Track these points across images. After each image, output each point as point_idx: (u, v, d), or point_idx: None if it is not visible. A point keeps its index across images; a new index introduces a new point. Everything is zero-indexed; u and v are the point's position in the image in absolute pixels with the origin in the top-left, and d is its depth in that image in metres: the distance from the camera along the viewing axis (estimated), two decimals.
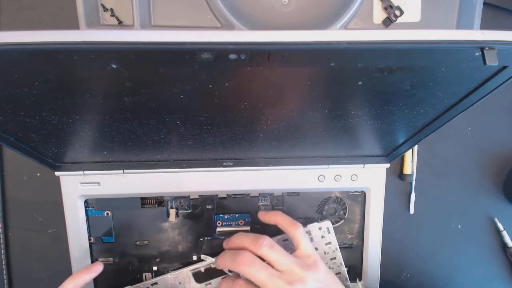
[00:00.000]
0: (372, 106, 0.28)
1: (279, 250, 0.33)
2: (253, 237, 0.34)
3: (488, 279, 0.49)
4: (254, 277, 0.32)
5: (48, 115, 0.26)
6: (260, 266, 0.32)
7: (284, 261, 0.32)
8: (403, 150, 0.38)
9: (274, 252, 0.32)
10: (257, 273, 0.31)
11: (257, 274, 0.31)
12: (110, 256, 0.41)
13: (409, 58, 0.22)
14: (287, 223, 0.36)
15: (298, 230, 0.35)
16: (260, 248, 0.32)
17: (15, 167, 0.42)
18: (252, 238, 0.34)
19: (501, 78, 0.24)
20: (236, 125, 0.30)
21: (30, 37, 0.18)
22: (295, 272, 0.32)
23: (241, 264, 0.32)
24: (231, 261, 0.33)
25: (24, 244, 0.44)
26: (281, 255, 0.33)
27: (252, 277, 0.32)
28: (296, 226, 0.35)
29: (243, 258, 0.32)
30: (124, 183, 0.39)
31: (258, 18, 0.39)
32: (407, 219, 0.47)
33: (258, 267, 0.32)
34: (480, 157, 0.47)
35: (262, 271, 0.31)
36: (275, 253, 0.32)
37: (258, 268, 0.32)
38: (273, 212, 0.37)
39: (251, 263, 0.32)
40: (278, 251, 0.33)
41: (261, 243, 0.33)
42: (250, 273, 0.32)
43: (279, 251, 0.33)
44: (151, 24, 0.39)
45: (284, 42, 0.19)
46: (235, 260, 0.33)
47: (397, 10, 0.40)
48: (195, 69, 0.21)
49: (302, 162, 0.40)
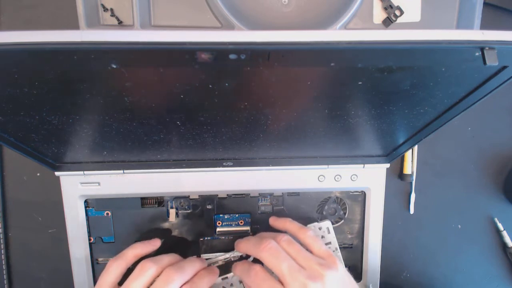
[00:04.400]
0: (372, 106, 0.28)
1: (298, 247, 0.34)
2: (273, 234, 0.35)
3: (488, 279, 0.49)
4: (275, 265, 0.32)
5: (48, 115, 0.26)
6: (282, 255, 0.32)
7: (304, 257, 0.33)
8: (403, 150, 0.38)
9: (292, 248, 0.33)
10: (278, 261, 0.32)
11: (278, 263, 0.32)
12: (110, 256, 0.41)
13: (409, 58, 0.22)
14: (296, 229, 0.36)
15: (307, 234, 0.35)
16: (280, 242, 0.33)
17: (15, 167, 0.42)
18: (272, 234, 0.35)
19: (501, 78, 0.24)
20: (236, 125, 0.30)
21: (30, 37, 0.18)
22: (315, 269, 0.32)
23: (264, 249, 0.32)
24: (255, 246, 0.34)
25: (24, 244, 0.44)
26: (300, 251, 0.33)
27: (274, 265, 0.32)
28: (305, 231, 0.36)
29: (268, 244, 0.33)
30: (124, 183, 0.39)
31: (258, 18, 0.39)
32: (407, 219, 0.47)
33: (281, 256, 0.32)
34: (480, 157, 0.47)
35: (284, 261, 0.32)
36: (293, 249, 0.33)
37: (280, 257, 0.32)
38: (283, 218, 0.38)
39: (274, 251, 0.32)
40: (297, 247, 0.34)
41: (281, 238, 0.34)
42: (271, 260, 0.32)
43: (298, 247, 0.34)
44: (151, 24, 0.38)
45: (284, 42, 0.19)
46: (259, 245, 0.33)
47: (397, 10, 0.40)
48: (195, 69, 0.21)
49: (302, 162, 0.40)
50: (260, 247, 0.33)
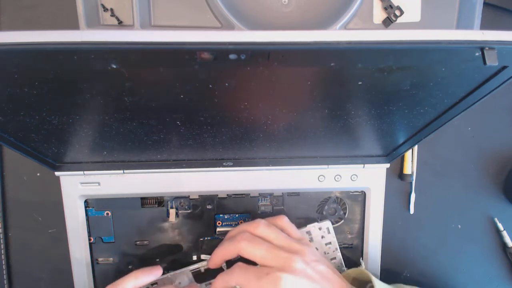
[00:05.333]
0: (372, 106, 0.28)
1: (275, 229, 0.34)
2: (248, 222, 0.35)
3: (488, 279, 0.49)
4: (254, 251, 0.32)
5: (48, 115, 0.26)
6: (259, 241, 0.32)
7: (282, 237, 0.33)
8: (403, 150, 0.38)
9: (271, 230, 0.34)
10: (257, 247, 0.32)
11: (257, 248, 0.32)
12: (110, 256, 0.41)
13: (409, 58, 0.22)
14: (271, 220, 0.36)
15: (284, 220, 0.36)
16: (258, 228, 0.33)
17: (15, 167, 0.42)
18: (247, 223, 0.35)
19: (501, 78, 0.24)
20: (236, 125, 0.30)
21: (30, 37, 0.18)
22: (294, 245, 0.33)
23: (240, 240, 0.32)
24: (229, 244, 0.33)
25: (24, 244, 0.44)
26: (278, 232, 0.34)
27: (252, 252, 0.32)
28: (281, 217, 0.36)
29: (242, 236, 0.33)
30: (124, 183, 0.39)
31: (258, 18, 0.39)
32: (407, 219, 0.47)
33: (258, 242, 0.32)
34: (480, 157, 0.47)
35: (262, 245, 0.32)
36: (272, 231, 0.34)
37: (258, 243, 0.32)
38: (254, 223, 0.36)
39: (250, 239, 0.32)
40: (274, 229, 0.34)
41: (258, 223, 0.34)
42: (249, 248, 0.32)
43: (275, 229, 0.34)
44: (151, 24, 0.38)
45: (284, 42, 0.19)
46: (233, 241, 0.33)
47: (397, 10, 0.40)
48: (195, 69, 0.21)
49: (302, 162, 0.40)
50: (235, 241, 0.33)
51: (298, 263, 0.31)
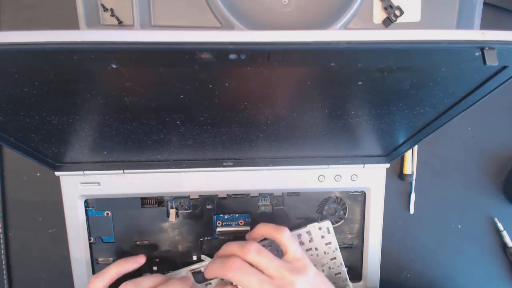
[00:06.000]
0: (372, 106, 0.28)
1: (267, 255, 0.33)
2: (240, 244, 0.34)
3: (488, 279, 0.49)
4: (243, 282, 0.31)
5: (48, 115, 0.26)
6: (249, 271, 0.32)
7: (273, 265, 0.32)
8: (403, 150, 0.38)
9: (262, 257, 0.32)
10: (246, 278, 0.31)
11: (247, 280, 0.31)
12: (110, 256, 0.41)
13: (409, 58, 0.22)
14: (272, 230, 0.36)
15: (284, 235, 0.35)
16: (248, 253, 0.33)
17: (15, 167, 0.42)
18: (239, 245, 0.34)
19: (501, 78, 0.24)
20: (236, 125, 0.30)
21: (30, 37, 0.18)
22: (285, 276, 0.32)
23: (230, 269, 0.32)
24: (220, 268, 0.33)
25: (24, 244, 0.44)
26: (269, 259, 0.32)
27: (241, 283, 0.32)
28: (282, 231, 0.35)
29: (232, 264, 0.32)
30: (124, 183, 0.39)
31: (258, 18, 0.39)
32: (407, 219, 0.47)
33: (248, 272, 0.32)
34: (480, 157, 0.47)
35: (252, 276, 0.31)
36: (263, 258, 0.32)
37: (247, 273, 0.32)
38: (256, 227, 0.37)
39: (240, 269, 0.32)
40: (266, 255, 0.33)
41: (249, 248, 0.33)
42: (239, 278, 0.32)
43: (267, 255, 0.33)
44: (151, 24, 0.38)
45: (284, 42, 0.19)
46: (224, 267, 0.32)
47: (397, 10, 0.40)
48: (195, 69, 0.21)
49: (302, 162, 0.40)
50: (225, 268, 0.32)
51: None
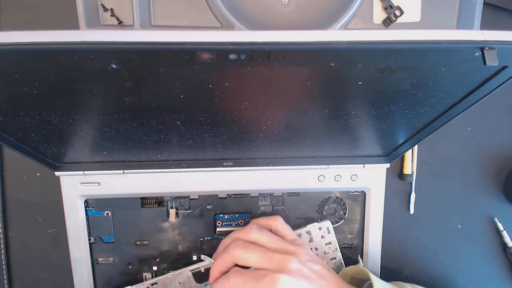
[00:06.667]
0: (372, 106, 0.28)
1: (268, 233, 0.34)
2: (239, 229, 0.36)
3: (488, 279, 0.49)
4: (248, 257, 0.32)
5: (48, 115, 0.26)
6: (252, 247, 0.33)
7: (275, 240, 0.34)
8: (403, 150, 0.38)
9: (264, 234, 0.34)
10: (251, 252, 0.32)
11: (251, 253, 0.32)
12: (110, 256, 0.41)
13: (409, 58, 0.22)
14: (266, 220, 0.37)
15: (279, 221, 0.37)
16: (250, 233, 0.34)
17: (15, 167, 0.42)
18: (239, 229, 0.35)
19: (501, 78, 0.24)
20: (236, 125, 0.30)
21: (30, 37, 0.18)
22: (286, 247, 0.33)
23: (234, 249, 0.33)
24: (223, 255, 0.33)
25: (24, 244, 0.44)
26: (271, 236, 0.34)
27: (247, 258, 0.32)
28: (276, 218, 0.37)
29: (235, 244, 0.33)
30: (124, 183, 0.39)
31: (258, 18, 0.39)
32: (407, 219, 0.47)
33: (251, 247, 0.33)
34: (480, 157, 0.47)
35: (256, 250, 0.32)
36: (264, 235, 0.34)
37: (251, 248, 0.33)
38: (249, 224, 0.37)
39: (244, 246, 0.33)
40: (267, 233, 0.34)
41: (249, 228, 0.34)
42: (244, 254, 0.32)
43: (268, 233, 0.34)
44: (151, 24, 0.38)
45: (284, 42, 0.19)
46: (227, 251, 0.33)
47: (397, 10, 0.40)
48: (195, 69, 0.21)
49: (302, 162, 0.40)
50: (229, 251, 0.33)
51: (294, 264, 0.31)
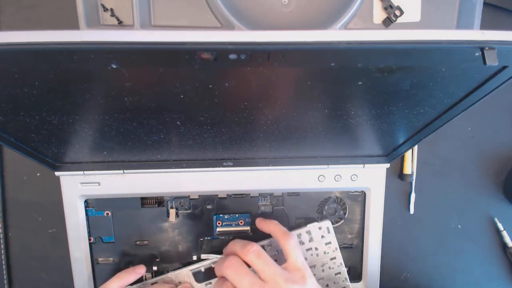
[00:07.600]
0: (372, 106, 0.28)
1: (265, 259, 0.33)
2: (243, 243, 0.34)
3: (488, 279, 0.49)
4: (236, 281, 0.32)
5: (48, 115, 0.26)
6: (244, 272, 0.32)
7: (269, 270, 0.32)
8: (403, 150, 0.38)
9: (260, 260, 0.32)
10: (239, 277, 0.32)
11: (240, 279, 0.32)
12: (110, 256, 0.41)
13: (409, 58, 0.22)
14: (280, 234, 0.36)
15: (289, 242, 0.35)
16: (247, 254, 0.33)
17: (15, 167, 0.42)
18: (241, 244, 0.34)
19: (501, 78, 0.24)
20: (236, 125, 0.30)
21: (30, 37, 0.18)
22: (278, 283, 0.31)
23: (226, 267, 0.33)
24: (220, 266, 0.34)
25: (24, 244, 0.44)
26: (267, 264, 0.32)
27: (235, 282, 0.32)
28: (288, 238, 0.35)
29: (229, 262, 0.33)
30: (124, 183, 0.39)
31: (258, 18, 0.39)
32: (407, 219, 0.47)
33: (242, 272, 0.32)
34: (480, 157, 0.47)
35: (245, 277, 0.32)
36: (261, 262, 0.32)
37: (241, 273, 0.32)
38: (269, 221, 0.38)
39: (235, 268, 0.32)
40: (264, 259, 0.32)
41: (248, 249, 0.33)
42: (233, 277, 0.32)
43: (265, 259, 0.32)
44: (151, 24, 0.38)
45: (284, 42, 0.19)
46: (222, 264, 0.33)
47: (397, 10, 0.40)
48: (195, 69, 0.21)
49: (302, 162, 0.40)
50: (223, 265, 0.33)
51: None
